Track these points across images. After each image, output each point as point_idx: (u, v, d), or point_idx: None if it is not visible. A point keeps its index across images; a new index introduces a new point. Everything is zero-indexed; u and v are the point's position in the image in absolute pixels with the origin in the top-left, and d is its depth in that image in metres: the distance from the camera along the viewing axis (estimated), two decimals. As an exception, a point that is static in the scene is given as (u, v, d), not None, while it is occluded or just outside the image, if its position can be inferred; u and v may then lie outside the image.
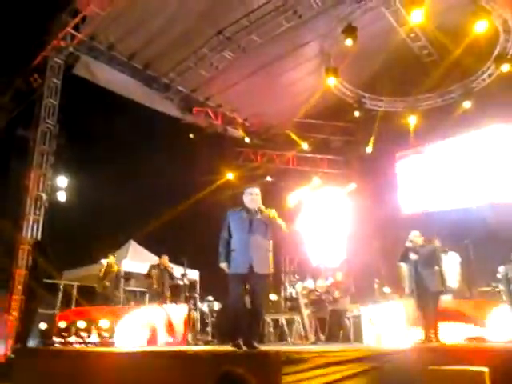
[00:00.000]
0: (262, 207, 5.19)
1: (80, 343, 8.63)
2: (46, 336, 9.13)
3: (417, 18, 9.77)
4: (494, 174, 13.11)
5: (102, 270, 10.33)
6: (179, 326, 9.41)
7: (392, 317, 8.96)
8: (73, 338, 8.84)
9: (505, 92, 11.50)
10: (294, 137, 14.96)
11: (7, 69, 11.18)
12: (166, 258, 10.34)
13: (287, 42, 11.42)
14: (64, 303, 11.38)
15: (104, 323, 8.64)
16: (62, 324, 9.06)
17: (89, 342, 8.54)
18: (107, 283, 10.09)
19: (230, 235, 5.17)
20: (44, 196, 10.66)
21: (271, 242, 5.19)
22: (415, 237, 7.61)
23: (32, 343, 8.60)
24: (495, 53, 11.75)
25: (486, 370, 4.07)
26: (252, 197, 5.18)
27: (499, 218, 11.10)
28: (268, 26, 10.92)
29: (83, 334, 8.72)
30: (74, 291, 11.87)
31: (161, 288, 10.14)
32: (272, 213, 5.20)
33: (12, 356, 8.44)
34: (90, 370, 3.49)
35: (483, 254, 10.69)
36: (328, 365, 3.88)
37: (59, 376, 3.53)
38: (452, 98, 13.44)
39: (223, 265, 5.11)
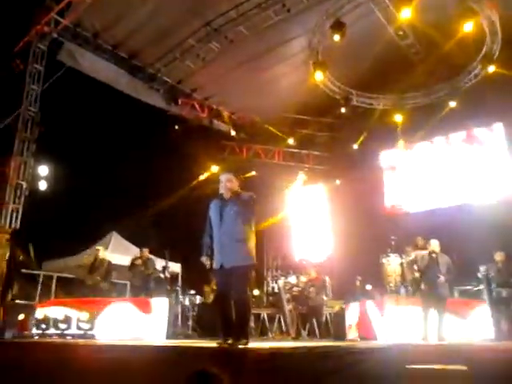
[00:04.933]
0: (230, 192, 4.85)
1: (58, 335, 8.51)
2: (23, 328, 8.99)
3: (405, 15, 9.79)
4: (477, 175, 13.21)
5: (92, 263, 10.15)
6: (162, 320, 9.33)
7: (373, 314, 9.01)
8: (51, 330, 8.73)
9: (490, 93, 11.57)
10: (278, 132, 14.87)
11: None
12: (147, 251, 10.22)
13: (275, 35, 11.33)
14: (43, 294, 11.23)
15: (83, 315, 8.53)
16: (41, 315, 8.93)
17: (67, 334, 8.42)
18: (98, 278, 9.92)
19: (211, 227, 4.92)
20: (24, 184, 10.45)
21: (247, 229, 4.83)
22: (435, 246, 8.06)
23: (8, 335, 8.44)
24: (482, 53, 11.80)
25: (464, 368, 4.07)
26: (221, 184, 4.93)
27: (481, 218, 11.19)
28: (256, 18, 10.82)
29: (62, 326, 8.60)
30: (54, 282, 11.73)
31: (143, 281, 10.03)
32: (244, 197, 4.88)
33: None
34: (63, 363, 3.42)
35: (465, 253, 10.79)
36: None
37: (31, 369, 3.46)
38: (438, 96, 13.48)
39: (203, 259, 4.91)
